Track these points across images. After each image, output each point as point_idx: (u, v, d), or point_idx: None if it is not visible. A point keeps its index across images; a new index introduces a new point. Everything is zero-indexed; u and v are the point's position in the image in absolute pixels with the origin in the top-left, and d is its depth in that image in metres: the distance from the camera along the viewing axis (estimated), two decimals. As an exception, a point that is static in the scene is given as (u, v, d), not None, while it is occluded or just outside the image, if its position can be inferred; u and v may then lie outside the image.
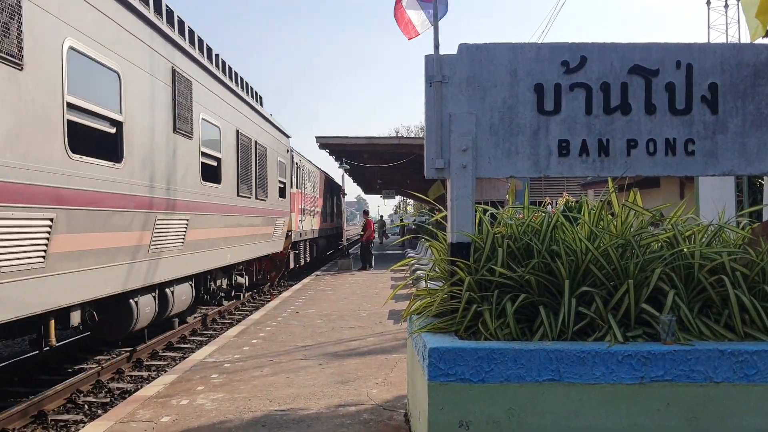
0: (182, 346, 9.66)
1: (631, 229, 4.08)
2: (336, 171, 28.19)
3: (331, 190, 30.03)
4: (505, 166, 4.09)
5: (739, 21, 38.57)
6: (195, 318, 11.28)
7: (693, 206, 7.03)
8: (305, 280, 17.14)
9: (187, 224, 8.88)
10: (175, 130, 8.40)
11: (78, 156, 6.00)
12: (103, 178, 6.47)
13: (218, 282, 11.71)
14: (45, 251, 5.52)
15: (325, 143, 21.52)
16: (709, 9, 38.93)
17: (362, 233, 22.40)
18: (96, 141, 6.61)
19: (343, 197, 27.98)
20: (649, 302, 3.58)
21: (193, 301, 10.21)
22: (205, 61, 9.80)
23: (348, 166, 23.99)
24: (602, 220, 4.24)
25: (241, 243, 12.10)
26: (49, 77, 5.58)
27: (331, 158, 24.36)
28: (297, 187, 19.75)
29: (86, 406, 6.62)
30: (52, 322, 6.23)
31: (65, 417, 6.26)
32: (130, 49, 7.15)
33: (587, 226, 4.15)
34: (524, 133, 4.07)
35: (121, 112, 6.85)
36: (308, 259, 22.81)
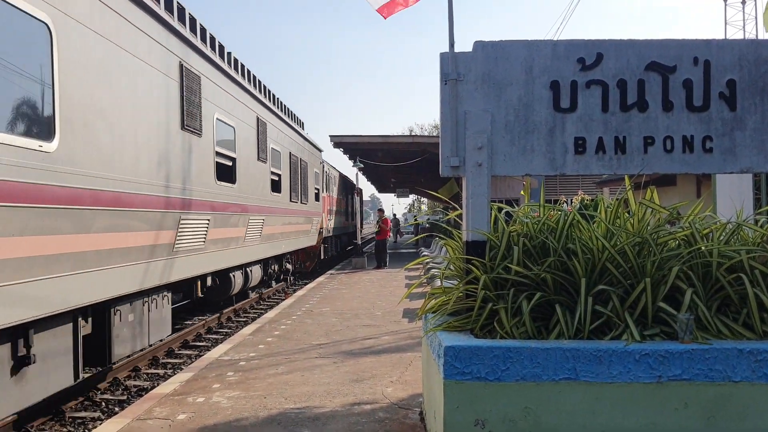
0: (198, 344, 9.73)
1: (648, 227, 4.05)
2: (349, 168, 28.64)
3: (348, 190, 30.14)
4: (520, 164, 4.07)
5: (756, 17, 38.12)
6: (255, 294, 14.52)
7: (710, 204, 6.96)
8: (320, 279, 17.18)
9: (263, 223, 12.22)
10: (258, 158, 11.88)
11: (219, 182, 9.42)
12: (228, 194, 9.87)
13: (274, 267, 15.37)
14: (205, 239, 8.83)
15: (339, 142, 21.50)
16: (726, 5, 38.51)
17: (377, 232, 22.38)
18: (224, 171, 9.86)
19: (358, 197, 27.98)
20: (667, 301, 3.56)
21: (262, 279, 13.80)
22: (272, 106, 13.49)
23: (362, 165, 23.98)
24: (619, 218, 4.21)
25: (290, 237, 15.68)
26: (209, 138, 9.02)
27: (345, 156, 24.34)
28: (326, 192, 22.30)
29: (103, 404, 6.69)
30: (198, 283, 9.94)
31: (82, 414, 6.33)
32: (239, 109, 10.70)
33: (604, 224, 4.13)
34: (540, 130, 4.05)
35: (235, 152, 10.37)
36: (334, 253, 25.83)
